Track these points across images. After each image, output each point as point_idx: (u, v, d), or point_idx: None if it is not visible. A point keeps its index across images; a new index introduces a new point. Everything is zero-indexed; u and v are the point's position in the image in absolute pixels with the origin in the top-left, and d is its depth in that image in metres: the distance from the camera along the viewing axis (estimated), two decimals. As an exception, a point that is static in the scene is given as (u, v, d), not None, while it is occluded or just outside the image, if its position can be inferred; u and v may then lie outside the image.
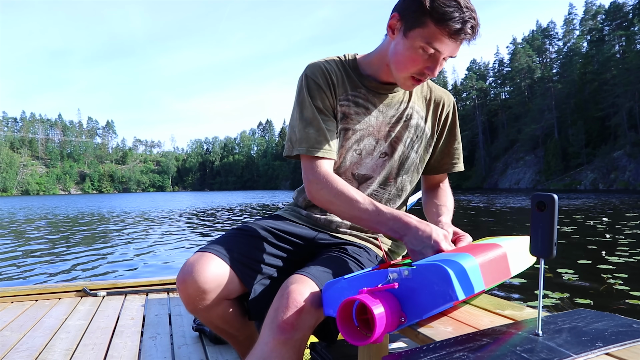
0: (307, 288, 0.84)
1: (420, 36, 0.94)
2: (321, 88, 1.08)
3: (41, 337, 1.82)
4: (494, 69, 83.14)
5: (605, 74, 54.01)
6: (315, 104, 1.07)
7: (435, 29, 0.92)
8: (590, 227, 7.92)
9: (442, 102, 1.19)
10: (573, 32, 69.80)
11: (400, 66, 1.00)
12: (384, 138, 1.13)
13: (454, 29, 0.91)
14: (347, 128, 1.10)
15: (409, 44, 0.96)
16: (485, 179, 70.18)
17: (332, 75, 1.09)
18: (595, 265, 4.37)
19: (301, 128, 1.06)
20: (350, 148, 1.11)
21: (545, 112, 62.81)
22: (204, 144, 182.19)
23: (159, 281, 2.67)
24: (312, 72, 1.09)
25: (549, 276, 3.94)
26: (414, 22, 0.94)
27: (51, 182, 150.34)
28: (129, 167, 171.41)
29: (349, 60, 1.13)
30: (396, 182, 1.17)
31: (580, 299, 3.19)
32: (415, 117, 1.15)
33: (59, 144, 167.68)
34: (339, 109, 1.09)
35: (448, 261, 0.75)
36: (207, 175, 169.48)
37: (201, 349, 1.70)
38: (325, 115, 1.07)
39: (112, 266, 5.24)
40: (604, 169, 48.01)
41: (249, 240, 1.07)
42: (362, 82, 1.11)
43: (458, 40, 0.93)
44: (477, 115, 78.66)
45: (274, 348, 0.81)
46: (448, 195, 1.23)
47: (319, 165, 1.04)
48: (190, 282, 0.94)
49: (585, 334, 0.63)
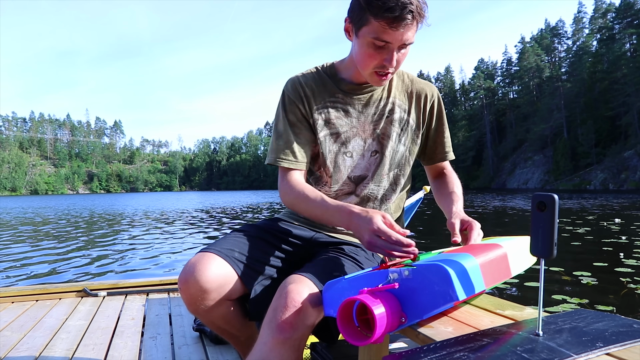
0: (305, 287, 0.85)
1: (367, 33, 0.98)
2: (294, 102, 1.14)
3: (41, 337, 1.82)
4: (502, 68, 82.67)
5: (615, 72, 53.40)
6: (288, 118, 1.15)
7: (376, 23, 0.95)
8: (604, 229, 7.80)
9: (424, 93, 1.21)
10: (582, 31, 69.17)
11: (361, 64, 1.05)
12: (370, 136, 1.16)
13: (392, 18, 0.93)
14: (332, 133, 1.15)
15: (361, 42, 1.01)
16: (493, 179, 69.78)
17: (306, 88, 1.15)
18: (613, 268, 4.26)
19: (273, 140, 1.16)
20: (338, 152, 1.15)
21: (554, 111, 62.30)
22: (211, 143, 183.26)
23: (159, 281, 2.68)
24: (287, 87, 1.17)
25: (565, 279, 3.86)
26: (359, 21, 0.99)
27: (59, 181, 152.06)
28: (137, 167, 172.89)
29: (326, 68, 1.18)
30: (389, 177, 1.19)
31: (602, 306, 3.07)
32: (398, 111, 1.17)
33: (67, 144, 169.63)
34: (317, 118, 1.14)
35: (448, 261, 0.75)
36: (214, 175, 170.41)
37: (201, 349, 1.69)
38: (298, 127, 1.14)
39: (112, 266, 5.26)
40: (615, 169, 47.50)
41: (250, 241, 1.09)
42: (339, 86, 1.15)
43: (400, 27, 0.94)
44: (485, 114, 78.21)
45: (273, 347, 0.81)
46: (454, 181, 1.25)
47: (285, 174, 1.13)
48: (192, 282, 0.95)
49: (586, 334, 0.63)
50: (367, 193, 1.17)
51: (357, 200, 1.18)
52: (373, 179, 1.17)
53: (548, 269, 4.26)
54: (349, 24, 1.04)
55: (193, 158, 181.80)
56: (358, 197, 1.18)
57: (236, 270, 1.00)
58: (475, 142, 76.93)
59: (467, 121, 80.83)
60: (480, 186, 70.02)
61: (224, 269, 0.98)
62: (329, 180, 1.17)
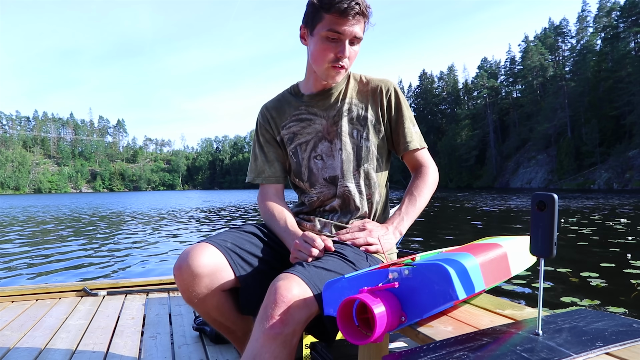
0: (294, 284, 0.87)
1: (322, 28, 1.10)
2: (263, 126, 1.31)
3: (41, 336, 1.83)
4: (505, 67, 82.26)
5: (620, 71, 52.99)
6: (260, 140, 1.32)
7: (328, 16, 1.08)
8: (610, 229, 7.72)
9: (379, 89, 1.26)
10: (586, 30, 68.74)
11: (317, 60, 1.15)
12: (335, 137, 1.24)
13: (342, 9, 1.06)
14: (300, 142, 1.26)
15: (316, 39, 1.13)
16: (497, 179, 69.53)
17: (272, 111, 1.30)
18: (622, 270, 4.20)
19: (251, 161, 1.34)
20: (309, 157, 1.25)
21: (558, 110, 61.97)
22: (214, 142, 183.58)
23: (159, 281, 2.68)
24: (259, 114, 1.34)
25: (573, 281, 3.81)
26: (314, 20, 1.12)
27: (63, 180, 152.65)
28: (140, 166, 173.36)
29: (292, 88, 1.32)
30: (360, 173, 1.24)
31: (613, 307, 3.02)
32: (355, 109, 1.25)
33: (70, 143, 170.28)
34: (284, 133, 1.28)
35: (448, 260, 0.75)
36: (217, 174, 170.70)
37: (201, 349, 1.69)
38: (269, 146, 1.31)
39: (112, 266, 5.26)
40: (619, 169, 47.22)
41: (244, 236, 1.14)
42: (302, 100, 1.28)
43: (350, 17, 1.07)
44: (488, 114, 77.91)
45: (264, 343, 0.83)
46: (420, 179, 1.27)
47: (262, 190, 1.30)
48: (185, 268, 1.00)
49: (586, 333, 0.63)
50: (344, 192, 1.23)
51: (339, 202, 1.23)
52: (344, 177, 1.23)
53: (555, 270, 4.24)
54: (304, 29, 1.17)
55: (196, 157, 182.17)
56: (340, 198, 1.23)
57: (228, 260, 1.05)
58: (478, 141, 76.61)
59: (470, 120, 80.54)
60: (484, 185, 69.82)
61: (216, 258, 1.03)
62: (307, 186, 1.25)
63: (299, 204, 1.33)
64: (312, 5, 1.12)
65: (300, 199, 1.32)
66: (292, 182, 1.34)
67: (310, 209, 1.28)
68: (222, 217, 13.14)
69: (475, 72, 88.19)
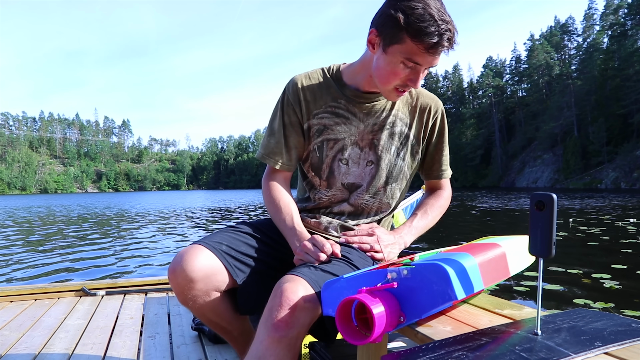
0: (300, 286, 0.85)
1: (399, 52, 0.97)
2: (292, 105, 1.16)
3: (40, 336, 1.83)
4: (510, 66, 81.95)
5: (627, 69, 52.51)
6: (284, 119, 1.17)
7: (412, 44, 0.95)
8: (620, 229, 7.61)
9: (428, 108, 1.20)
10: (593, 28, 68.18)
11: (383, 80, 1.04)
12: (367, 146, 1.16)
13: (431, 44, 0.93)
14: (328, 139, 1.16)
15: (389, 59, 1.00)
16: (502, 178, 69.24)
17: (307, 92, 1.15)
18: (634, 271, 4.14)
19: (266, 135, 1.20)
20: (334, 158, 1.16)
21: (564, 109, 61.57)
22: (219, 142, 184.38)
23: (158, 281, 2.68)
24: (289, 87, 1.17)
25: (586, 282, 3.76)
26: (392, 38, 0.97)
27: (69, 180, 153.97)
28: (145, 166, 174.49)
29: (333, 72, 1.18)
30: (386, 191, 1.20)
31: (630, 311, 2.96)
32: (399, 125, 1.17)
33: (76, 143, 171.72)
34: (314, 123, 1.15)
35: (447, 260, 0.75)
36: (222, 174, 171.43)
37: (200, 349, 1.69)
38: (290, 130, 1.17)
39: (111, 266, 5.27)
40: (626, 168, 46.81)
41: (240, 237, 1.12)
42: (343, 92, 1.15)
43: (436, 53, 0.96)
44: (494, 113, 77.62)
45: (269, 346, 0.82)
46: (437, 202, 1.25)
47: (270, 173, 1.19)
48: (179, 272, 0.99)
49: (584, 333, 0.63)
50: (362, 204, 1.19)
51: (350, 209, 1.20)
52: (368, 190, 1.18)
53: (566, 270, 4.21)
54: (376, 37, 1.02)
55: (201, 157, 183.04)
56: (352, 206, 1.19)
57: (223, 263, 1.02)
58: (483, 140, 76.37)
59: (475, 119, 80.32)
60: (489, 185, 69.58)
61: (210, 261, 1.01)
62: (323, 185, 1.19)
63: (305, 198, 1.25)
64: (394, 20, 0.95)
65: (308, 193, 1.23)
66: (303, 172, 1.24)
67: (316, 206, 1.22)
68: (227, 217, 13.17)
69: (481, 71, 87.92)
